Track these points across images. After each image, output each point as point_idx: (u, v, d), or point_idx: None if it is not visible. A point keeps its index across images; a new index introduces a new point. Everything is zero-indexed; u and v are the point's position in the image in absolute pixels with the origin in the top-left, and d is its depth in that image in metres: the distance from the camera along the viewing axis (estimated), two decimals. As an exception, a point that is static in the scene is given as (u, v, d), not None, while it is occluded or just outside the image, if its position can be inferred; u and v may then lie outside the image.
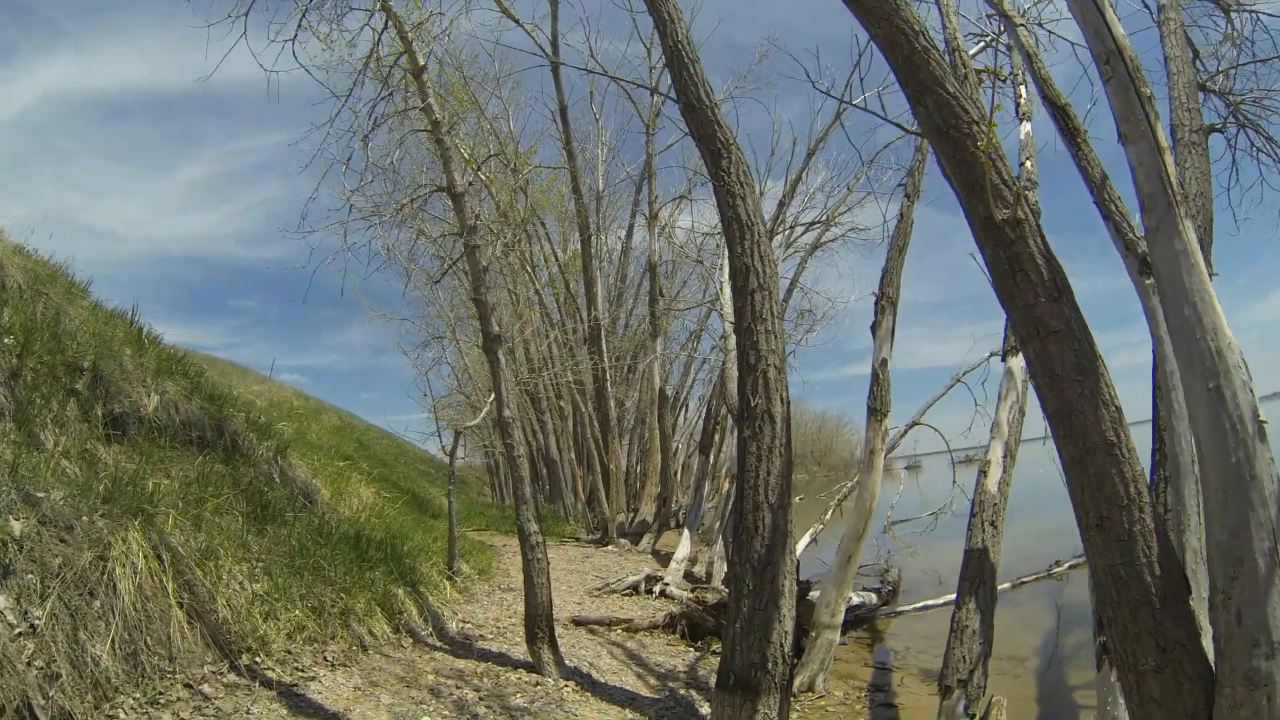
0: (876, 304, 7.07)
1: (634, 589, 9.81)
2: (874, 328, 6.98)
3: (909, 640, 8.60)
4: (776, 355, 4.78)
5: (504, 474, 29.90)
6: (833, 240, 18.50)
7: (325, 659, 5.08)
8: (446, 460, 12.08)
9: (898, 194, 7.88)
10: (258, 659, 4.46)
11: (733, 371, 13.19)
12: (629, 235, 21.04)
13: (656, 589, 9.77)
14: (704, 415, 19.12)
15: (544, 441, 20.44)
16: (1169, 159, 3.40)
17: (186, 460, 5.75)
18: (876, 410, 6.59)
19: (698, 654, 7.37)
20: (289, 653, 4.81)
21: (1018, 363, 6.18)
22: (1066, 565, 11.30)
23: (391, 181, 6.71)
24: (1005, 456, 5.83)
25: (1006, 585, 9.57)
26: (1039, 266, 3.06)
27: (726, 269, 16.48)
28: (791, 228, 18.16)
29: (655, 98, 18.50)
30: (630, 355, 20.30)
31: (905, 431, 10.31)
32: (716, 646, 7.53)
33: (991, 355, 9.34)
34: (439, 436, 10.53)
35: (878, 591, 9.84)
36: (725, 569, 11.51)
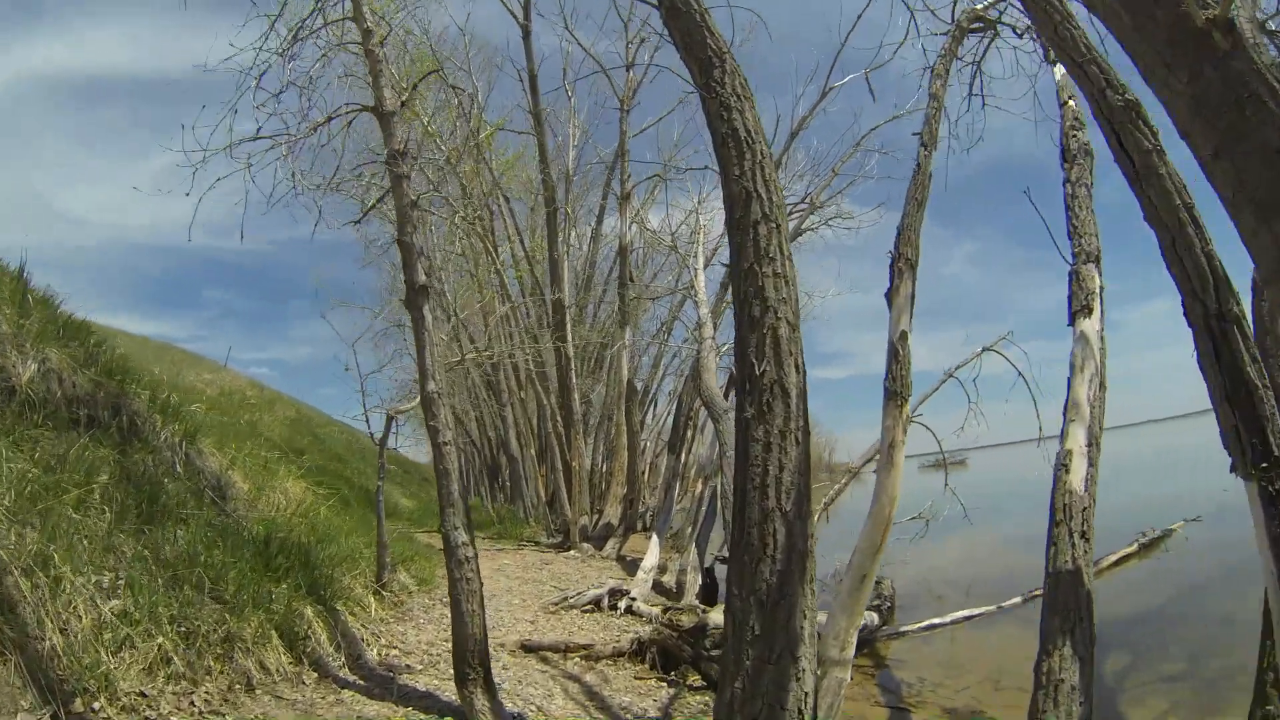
0: (892, 266, 5.73)
1: (596, 604, 8.53)
2: (889, 295, 5.66)
3: (919, 668, 7.48)
4: (789, 307, 3.57)
5: (471, 471, 28.58)
6: (814, 227, 17.79)
7: (192, 703, 3.96)
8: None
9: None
10: (96, 704, 3.49)
11: (708, 362, 11.98)
12: (599, 220, 19.96)
13: (622, 605, 8.49)
14: (674, 411, 17.99)
15: (505, 436, 19.26)
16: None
17: (66, 442, 4.85)
18: (896, 393, 5.18)
19: (671, 690, 6.11)
20: (142, 695, 3.77)
21: (1091, 325, 4.84)
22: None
23: (309, 99, 5.48)
24: (1090, 445, 4.43)
25: (1017, 600, 8.67)
26: (1276, 90, 1.86)
27: (701, 258, 15.51)
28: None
29: (630, 73, 17.34)
30: (597, 346, 19.12)
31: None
32: (694, 679, 6.32)
33: (984, 350, 8.65)
34: (366, 420, 8.98)
35: (876, 609, 8.68)
36: (699, 581, 10.56)
